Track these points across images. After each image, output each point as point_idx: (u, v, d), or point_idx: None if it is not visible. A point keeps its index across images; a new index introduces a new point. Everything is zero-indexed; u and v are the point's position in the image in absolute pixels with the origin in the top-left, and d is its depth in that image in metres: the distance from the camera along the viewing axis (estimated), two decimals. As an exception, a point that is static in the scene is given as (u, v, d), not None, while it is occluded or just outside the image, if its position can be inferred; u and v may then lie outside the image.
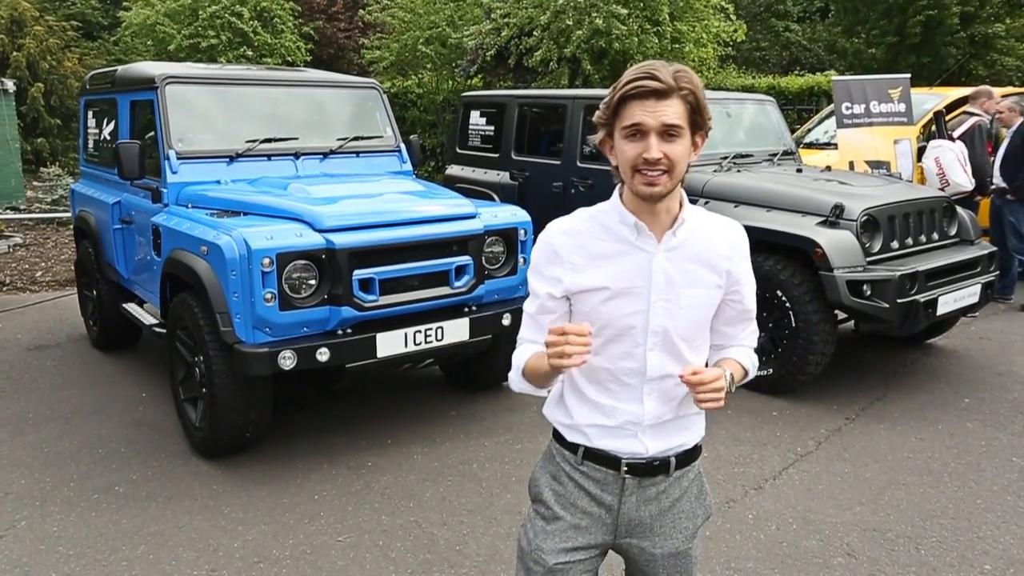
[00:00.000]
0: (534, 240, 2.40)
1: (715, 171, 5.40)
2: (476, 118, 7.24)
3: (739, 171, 5.45)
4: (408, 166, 5.23)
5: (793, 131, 9.04)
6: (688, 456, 1.63)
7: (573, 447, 1.61)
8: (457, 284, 4.00)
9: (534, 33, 10.18)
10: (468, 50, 12.03)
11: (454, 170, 7.45)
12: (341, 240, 3.60)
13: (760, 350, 4.85)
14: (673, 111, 1.39)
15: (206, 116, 4.56)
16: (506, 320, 4.21)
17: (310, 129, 4.94)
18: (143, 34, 17.15)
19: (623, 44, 9.97)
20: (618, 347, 1.54)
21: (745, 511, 3.39)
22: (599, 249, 1.53)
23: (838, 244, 4.46)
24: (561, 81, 10.56)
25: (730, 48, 13.52)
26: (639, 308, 1.51)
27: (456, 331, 4.01)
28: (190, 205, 4.18)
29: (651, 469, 1.58)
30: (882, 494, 3.53)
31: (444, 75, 14.03)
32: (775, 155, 5.98)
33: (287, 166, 4.66)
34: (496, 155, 6.94)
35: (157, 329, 4.47)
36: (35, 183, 13.19)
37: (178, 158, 4.30)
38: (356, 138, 4.95)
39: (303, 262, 3.56)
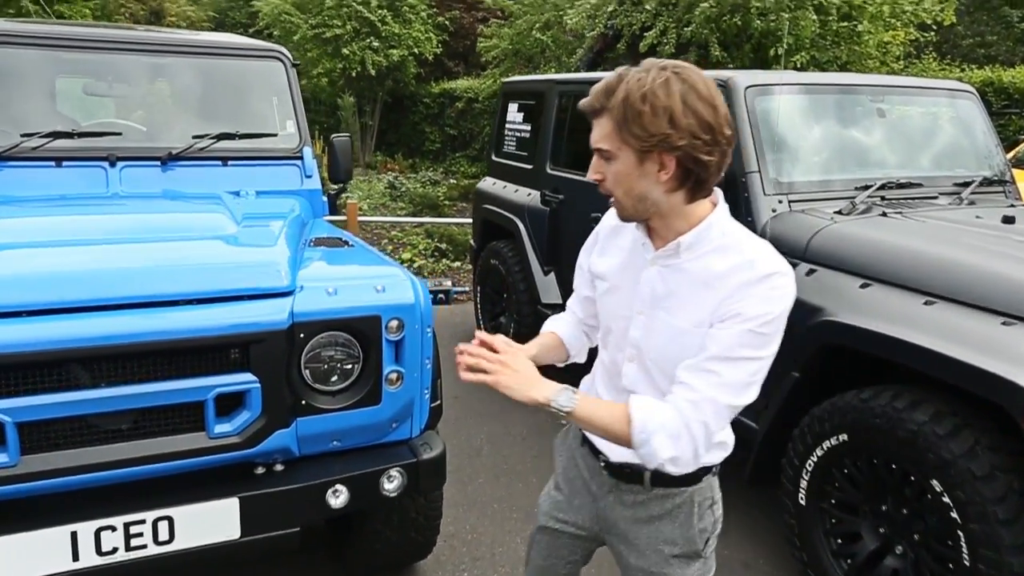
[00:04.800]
0: (432, 333, 2.22)
1: (838, 213, 2.98)
2: (513, 113, 5.16)
3: (885, 214, 2.98)
4: (314, 182, 3.29)
5: (1014, 145, 6.09)
6: (669, 478, 1.43)
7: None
8: (221, 428, 2.01)
9: (646, 8, 7.85)
10: (585, 36, 9.92)
11: (486, 184, 5.42)
12: (-88, 343, 1.74)
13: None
14: (599, 132, 1.33)
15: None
16: (337, 498, 2.16)
17: (156, 120, 3.16)
18: (274, 25, 16.61)
19: (767, 23, 7.39)
20: (609, 346, 1.55)
21: None
22: (622, 240, 1.51)
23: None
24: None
25: (933, 34, 10.34)
26: (624, 313, 1.48)
27: (209, 524, 2.01)
28: None
29: (623, 474, 1.52)
30: None
31: (566, 66, 11.97)
32: (966, 185, 3.40)
33: (93, 176, 2.88)
34: (530, 166, 4.82)
35: None
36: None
37: None
38: (223, 136, 3.08)
39: None
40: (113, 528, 1.91)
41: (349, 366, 2.19)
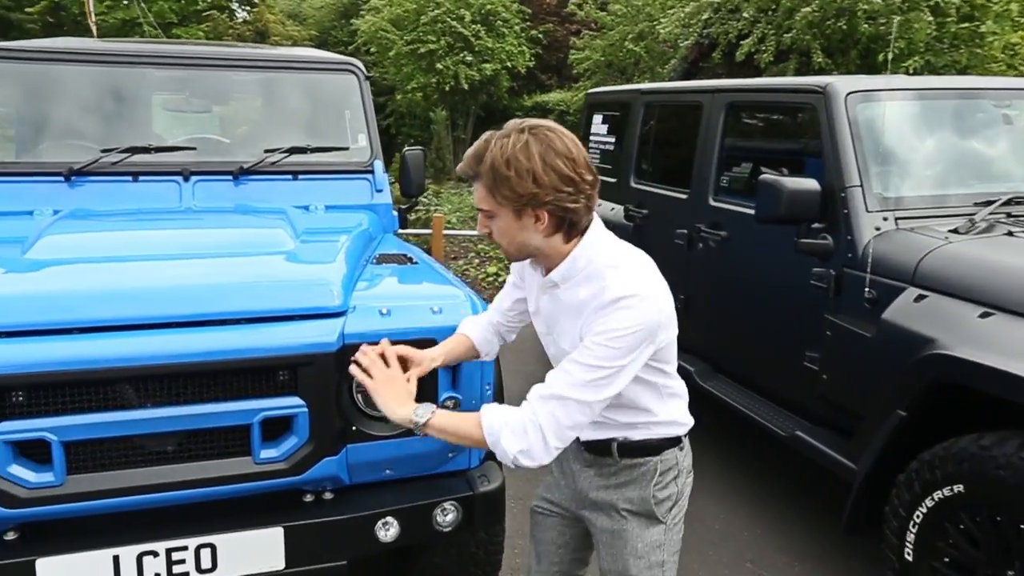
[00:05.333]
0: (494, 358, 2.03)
1: (954, 231, 2.65)
2: (598, 125, 4.99)
3: (1011, 233, 2.64)
4: (386, 196, 3.22)
5: None
6: (634, 448, 1.61)
7: None
8: (267, 453, 1.93)
9: (744, 15, 7.49)
10: (679, 45, 9.62)
11: (568, 198, 5.25)
12: (-41, 359, 1.72)
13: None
14: (478, 195, 1.48)
15: (38, 111, 2.96)
16: (387, 531, 2.04)
17: (230, 134, 3.18)
18: (371, 42, 17.03)
19: (875, 27, 6.91)
20: (549, 357, 1.69)
21: None
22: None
23: None
24: (788, 80, 7.75)
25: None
26: (543, 331, 1.66)
27: (252, 553, 1.93)
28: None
29: (596, 448, 1.63)
30: None
31: (659, 77, 11.69)
32: (1110, 200, 2.99)
33: (168, 191, 2.91)
34: (614, 179, 4.63)
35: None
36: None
37: (-38, 174, 2.75)
38: (295, 150, 3.05)
39: None
40: (155, 554, 1.86)
41: (404, 390, 2.06)
